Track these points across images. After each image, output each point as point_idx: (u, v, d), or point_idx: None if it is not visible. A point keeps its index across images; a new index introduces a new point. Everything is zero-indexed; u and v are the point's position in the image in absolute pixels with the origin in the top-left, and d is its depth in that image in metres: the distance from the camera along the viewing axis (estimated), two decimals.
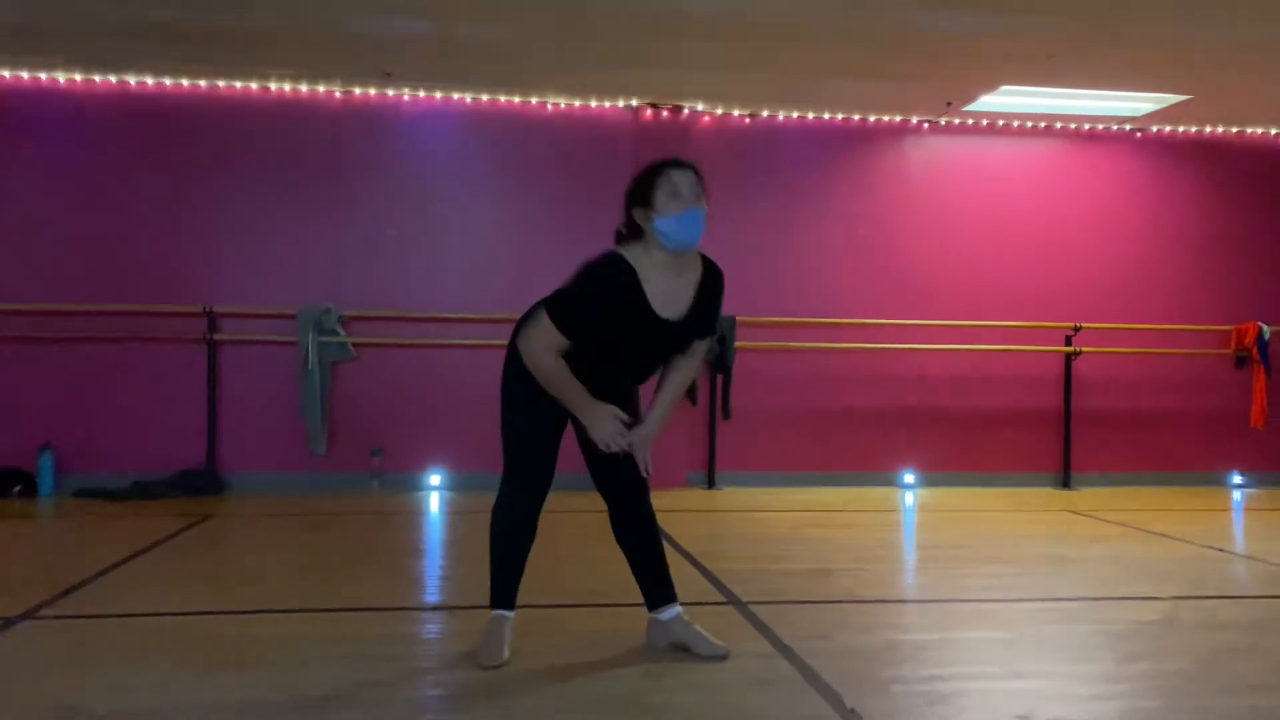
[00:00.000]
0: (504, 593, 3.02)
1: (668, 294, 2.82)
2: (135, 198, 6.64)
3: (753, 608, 3.60)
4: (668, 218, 2.75)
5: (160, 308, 6.58)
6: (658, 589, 3.06)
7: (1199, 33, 5.47)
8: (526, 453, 2.95)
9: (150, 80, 6.59)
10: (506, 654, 2.94)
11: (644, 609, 3.11)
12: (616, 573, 3.22)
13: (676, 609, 3.05)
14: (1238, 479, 7.56)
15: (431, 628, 3.43)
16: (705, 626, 3.08)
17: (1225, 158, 7.68)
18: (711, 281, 2.94)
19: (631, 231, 2.85)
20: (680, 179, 2.79)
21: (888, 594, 4.01)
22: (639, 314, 2.79)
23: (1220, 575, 4.46)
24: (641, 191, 2.80)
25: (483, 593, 3.03)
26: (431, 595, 3.96)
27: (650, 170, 2.83)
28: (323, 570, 4.34)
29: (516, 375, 2.90)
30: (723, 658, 2.94)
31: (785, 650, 3.08)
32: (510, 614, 3.02)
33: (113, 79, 6.57)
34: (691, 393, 6.97)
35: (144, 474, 6.41)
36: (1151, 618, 3.53)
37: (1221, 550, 5.00)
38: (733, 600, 3.73)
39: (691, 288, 2.87)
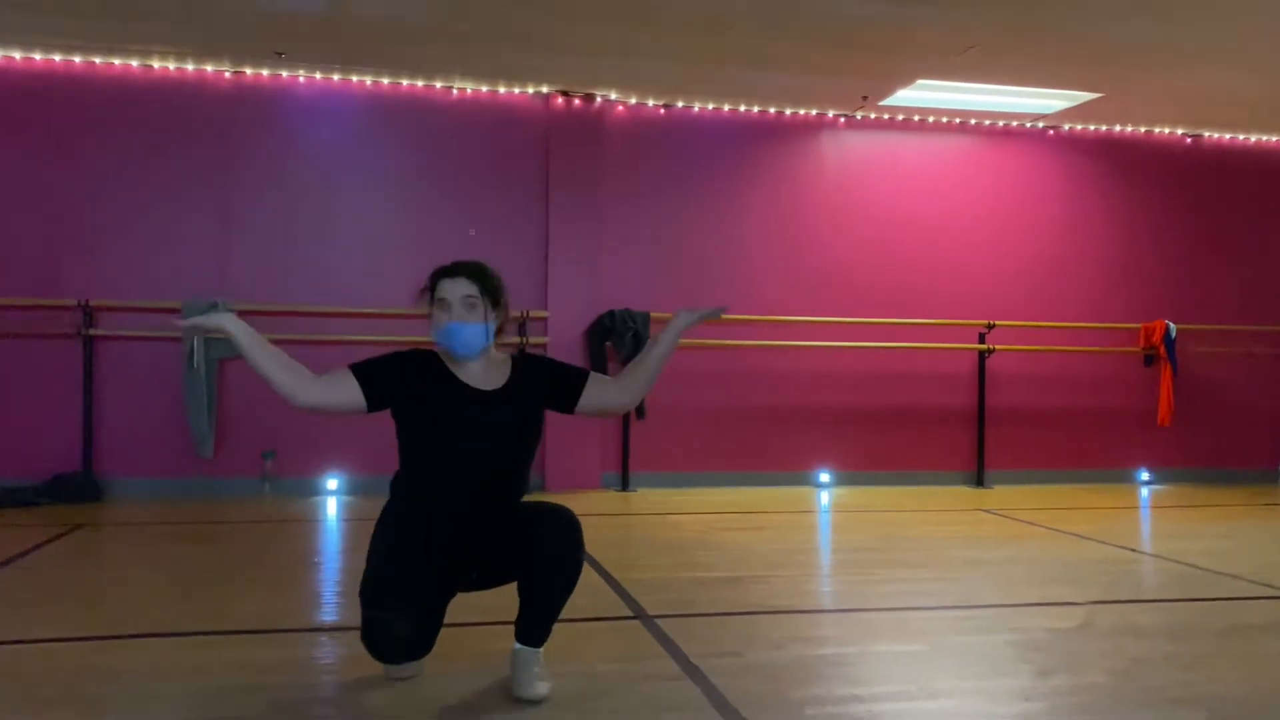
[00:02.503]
0: None
1: (479, 374, 2.71)
2: (2, 182, 6.15)
3: (660, 622, 3.40)
4: (436, 328, 2.68)
5: (31, 301, 6.12)
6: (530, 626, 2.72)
7: (1109, 30, 5.46)
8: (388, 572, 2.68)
9: (18, 55, 6.11)
10: (413, 669, 2.77)
11: None
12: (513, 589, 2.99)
13: (532, 650, 2.70)
14: (1145, 476, 7.65)
15: (325, 651, 3.13)
16: (607, 644, 2.86)
17: (1134, 157, 7.77)
18: (526, 362, 2.80)
19: None
20: (451, 291, 2.65)
21: (801, 603, 3.85)
22: (451, 388, 2.68)
23: (1134, 577, 4.42)
24: (426, 296, 2.73)
25: None
26: (328, 614, 3.64)
27: (431, 277, 2.72)
28: (202, 587, 3.99)
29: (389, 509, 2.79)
30: (533, 702, 2.59)
31: (692, 670, 2.88)
32: None
33: None
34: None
35: (12, 480, 5.96)
36: (1067, 625, 3.44)
37: (1134, 550, 4.98)
38: (639, 614, 3.52)
39: (504, 375, 2.74)
